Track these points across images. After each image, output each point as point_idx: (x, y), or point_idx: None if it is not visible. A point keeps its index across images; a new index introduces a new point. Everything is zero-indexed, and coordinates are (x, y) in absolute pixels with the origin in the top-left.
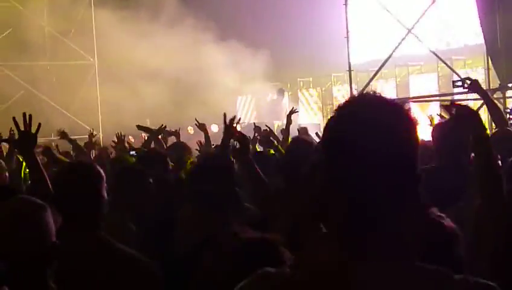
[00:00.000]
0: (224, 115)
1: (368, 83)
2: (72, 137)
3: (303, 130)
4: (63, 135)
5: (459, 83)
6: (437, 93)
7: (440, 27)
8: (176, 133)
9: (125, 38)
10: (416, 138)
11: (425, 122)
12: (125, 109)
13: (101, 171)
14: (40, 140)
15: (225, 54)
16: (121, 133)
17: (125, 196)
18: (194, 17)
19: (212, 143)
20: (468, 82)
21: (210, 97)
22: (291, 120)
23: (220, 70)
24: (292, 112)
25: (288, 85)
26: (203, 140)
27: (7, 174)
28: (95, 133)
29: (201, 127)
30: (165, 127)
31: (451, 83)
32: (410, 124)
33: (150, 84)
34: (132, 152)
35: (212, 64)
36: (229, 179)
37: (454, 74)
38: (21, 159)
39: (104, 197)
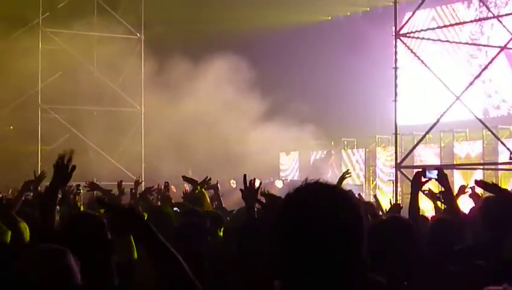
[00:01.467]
0: (245, 176)
1: (414, 148)
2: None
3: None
4: (92, 186)
5: None
6: (482, 161)
7: (488, 95)
8: (215, 187)
9: (172, 90)
10: (358, 221)
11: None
12: (168, 159)
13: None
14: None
15: (270, 110)
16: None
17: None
18: (240, 72)
19: None
20: None
21: (253, 152)
22: (341, 185)
23: (263, 126)
24: (344, 175)
25: (332, 143)
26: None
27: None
28: (141, 181)
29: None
30: (210, 179)
31: (510, 156)
32: (352, 210)
33: (193, 137)
34: (175, 208)
35: (256, 119)
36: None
37: (499, 142)
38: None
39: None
